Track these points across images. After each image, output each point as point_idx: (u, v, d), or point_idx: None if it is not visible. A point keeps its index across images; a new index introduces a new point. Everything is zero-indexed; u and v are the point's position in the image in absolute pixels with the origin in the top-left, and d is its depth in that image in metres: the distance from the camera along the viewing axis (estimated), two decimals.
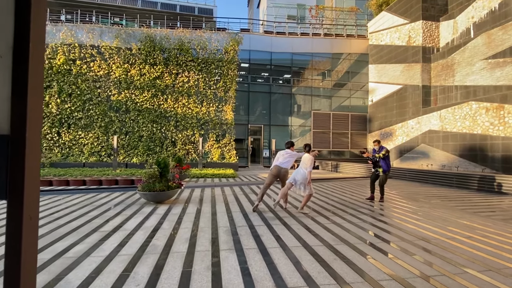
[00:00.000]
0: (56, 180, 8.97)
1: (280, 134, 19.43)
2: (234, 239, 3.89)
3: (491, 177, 8.82)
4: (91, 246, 3.59)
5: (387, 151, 6.71)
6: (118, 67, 15.50)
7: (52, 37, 15.24)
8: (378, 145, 6.99)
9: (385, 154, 6.68)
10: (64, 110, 14.84)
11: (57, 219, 4.88)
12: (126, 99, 15.43)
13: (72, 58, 15.21)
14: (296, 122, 19.61)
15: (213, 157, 15.92)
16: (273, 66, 19.40)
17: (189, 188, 8.73)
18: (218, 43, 16.75)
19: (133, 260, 3.14)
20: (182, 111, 15.98)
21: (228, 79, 16.51)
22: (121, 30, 16.04)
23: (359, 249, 3.58)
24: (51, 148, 14.52)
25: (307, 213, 5.52)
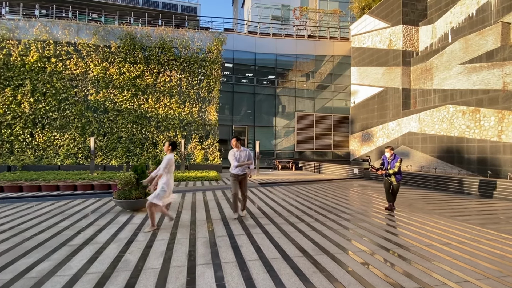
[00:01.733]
0: (27, 185, 8.45)
1: (264, 135, 19.39)
2: (212, 252, 3.75)
3: (467, 180, 9.13)
4: (58, 263, 3.34)
5: (401, 161, 6.08)
6: (96, 65, 14.90)
7: (25, 32, 14.42)
8: (392, 153, 6.24)
9: (400, 165, 6.03)
10: (38, 110, 14.09)
11: (23, 231, 4.55)
12: (105, 99, 14.87)
13: (47, 56, 14.47)
14: (280, 123, 19.63)
15: (196, 159, 15.64)
16: (257, 67, 19.31)
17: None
18: (201, 42, 16.47)
19: (102, 279, 2.94)
20: (164, 111, 15.58)
21: (211, 79, 16.26)
22: (100, 27, 15.41)
23: (339, 259, 3.54)
24: (24, 150, 13.75)
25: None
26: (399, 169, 6.02)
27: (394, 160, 6.12)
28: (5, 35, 13.97)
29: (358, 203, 7.19)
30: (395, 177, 6.11)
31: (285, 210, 6.35)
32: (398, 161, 6.02)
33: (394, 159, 6.12)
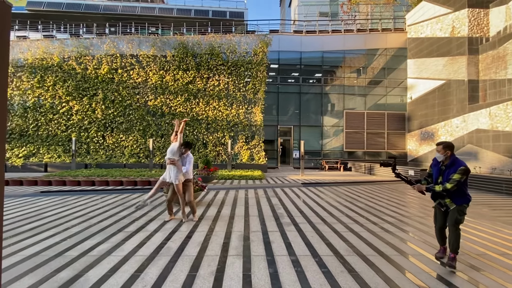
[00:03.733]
0: (98, 180, 9.86)
1: (311, 135, 19.08)
2: (245, 245, 3.96)
3: None
4: (114, 245, 3.91)
5: (465, 171, 3.21)
6: (154, 74, 16.50)
7: (98, 49, 16.72)
8: (446, 153, 3.40)
9: (462, 177, 3.21)
10: (108, 115, 16.21)
11: (90, 219, 5.39)
12: (162, 104, 16.36)
13: (115, 68, 16.54)
14: (328, 122, 19.09)
15: (242, 159, 16.18)
16: (303, 66, 19.11)
17: (214, 190, 9.01)
18: (248, 45, 16.97)
19: (146, 261, 3.37)
20: (213, 113, 16.48)
21: (257, 81, 16.65)
22: (157, 39, 17.03)
23: (371, 261, 3.42)
24: (97, 150, 15.96)
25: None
26: (459, 184, 3.21)
27: (453, 168, 3.27)
28: (82, 52, 16.41)
29: (406, 207, 6.68)
30: (451, 200, 3.32)
31: (324, 210, 6.26)
32: (460, 172, 3.18)
33: (453, 167, 3.28)
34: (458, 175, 3.20)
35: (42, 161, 15.28)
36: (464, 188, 3.30)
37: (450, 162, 3.36)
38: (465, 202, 3.29)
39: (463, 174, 3.20)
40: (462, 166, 3.22)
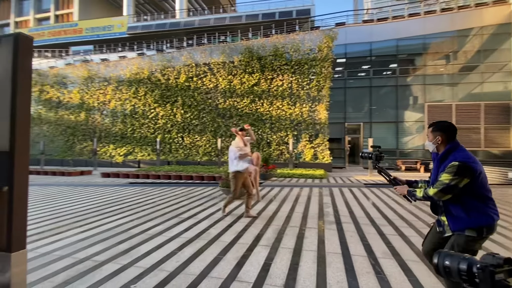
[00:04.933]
0: (173, 175, 11.37)
1: (384, 132, 17.49)
2: (277, 237, 4.08)
3: None
4: (166, 227, 4.57)
5: (460, 169, 1.88)
6: (223, 79, 17.86)
7: (177, 60, 19.10)
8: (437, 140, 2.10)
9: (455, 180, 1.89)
10: (186, 118, 18.35)
11: (157, 205, 6.35)
12: (230, 106, 17.58)
13: (191, 76, 18.59)
14: (404, 118, 17.13)
15: (305, 158, 16.00)
16: (373, 57, 17.67)
17: (269, 186, 9.28)
18: (312, 42, 16.70)
19: (187, 242, 3.86)
20: (277, 113, 16.80)
21: (321, 77, 16.21)
22: (226, 47, 18.39)
23: (408, 266, 3.10)
24: (177, 149, 18.24)
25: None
26: (449, 190, 1.92)
27: (445, 162, 2.01)
28: (165, 65, 19.01)
29: None
30: (447, 219, 2.04)
31: (378, 211, 5.80)
32: (449, 170, 1.92)
33: (446, 161, 2.01)
34: (447, 175, 1.93)
35: (136, 158, 18.38)
36: (470, 199, 1.92)
37: (442, 154, 2.07)
38: (471, 226, 1.87)
39: (455, 175, 1.88)
40: (457, 160, 1.91)
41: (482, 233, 1.89)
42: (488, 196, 1.96)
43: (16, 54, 1.43)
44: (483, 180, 1.95)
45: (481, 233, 1.89)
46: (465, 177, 1.89)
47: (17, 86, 1.42)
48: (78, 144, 19.85)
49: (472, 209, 1.93)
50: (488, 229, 1.90)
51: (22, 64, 1.44)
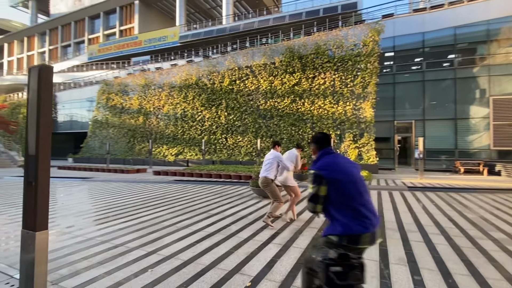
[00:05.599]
0: (214, 173, 12.06)
1: (440, 131, 15.82)
2: (292, 237, 4.18)
3: None
4: (194, 222, 5.01)
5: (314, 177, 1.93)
6: (265, 80, 18.19)
7: (221, 65, 20.05)
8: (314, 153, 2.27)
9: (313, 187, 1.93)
10: (229, 120, 19.17)
11: (190, 201, 6.90)
12: (271, 107, 17.82)
13: (234, 79, 19.35)
14: (465, 114, 15.25)
15: (349, 158, 15.34)
16: (426, 49, 16.08)
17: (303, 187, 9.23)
18: (356, 37, 15.99)
19: (207, 236, 4.21)
20: (318, 112, 16.48)
21: (366, 73, 15.40)
22: (267, 48, 18.68)
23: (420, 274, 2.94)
24: (221, 150, 19.16)
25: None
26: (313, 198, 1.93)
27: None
28: (211, 70, 20.10)
29: None
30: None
31: (412, 216, 5.43)
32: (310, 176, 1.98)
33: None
34: (309, 184, 1.97)
35: (185, 158, 19.82)
36: (331, 208, 1.88)
37: (313, 164, 2.09)
38: (331, 233, 1.83)
39: (313, 183, 1.92)
40: (312, 169, 1.97)
41: (342, 241, 1.74)
42: (351, 205, 1.82)
43: (40, 81, 1.87)
44: (344, 189, 1.85)
45: (341, 241, 1.75)
46: (321, 185, 1.87)
47: (40, 106, 1.86)
48: (137, 145, 22.23)
49: (333, 217, 1.87)
50: (349, 239, 1.74)
51: (44, 88, 1.88)
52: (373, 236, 1.80)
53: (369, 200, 1.90)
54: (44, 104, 1.87)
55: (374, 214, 1.86)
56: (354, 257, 1.09)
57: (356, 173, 1.96)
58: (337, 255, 0.96)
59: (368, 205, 1.87)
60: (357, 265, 0.95)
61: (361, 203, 1.84)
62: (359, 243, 1.74)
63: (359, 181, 1.92)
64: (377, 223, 1.85)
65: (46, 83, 1.88)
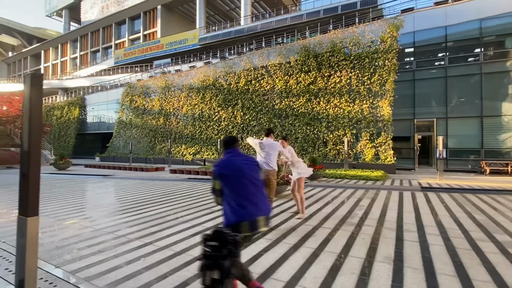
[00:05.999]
0: None
1: (464, 129, 15.02)
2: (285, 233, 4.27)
3: None
4: (195, 217, 5.24)
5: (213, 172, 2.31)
6: (280, 80, 18.22)
7: (237, 66, 20.33)
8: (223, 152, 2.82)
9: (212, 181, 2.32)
10: (245, 120, 19.41)
11: (196, 198, 7.16)
12: (286, 107, 17.82)
13: (249, 79, 19.56)
14: (491, 111, 14.34)
15: (365, 158, 15.01)
16: (449, 43, 15.31)
17: (311, 187, 9.22)
18: (373, 34, 15.60)
19: (204, 230, 4.42)
20: (334, 111, 16.24)
21: (384, 70, 14.96)
22: (282, 48, 18.70)
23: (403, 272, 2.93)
24: None
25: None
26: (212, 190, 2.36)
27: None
28: (227, 71, 20.46)
29: None
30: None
31: (415, 217, 5.29)
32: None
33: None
34: None
35: (203, 157, 20.34)
36: (225, 200, 2.19)
37: None
38: (226, 223, 2.12)
39: (212, 178, 2.29)
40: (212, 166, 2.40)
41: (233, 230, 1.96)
42: (234, 198, 2.12)
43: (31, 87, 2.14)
44: (229, 183, 2.16)
45: (234, 230, 1.97)
46: (215, 180, 2.22)
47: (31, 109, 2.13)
48: (158, 145, 23.14)
49: (223, 210, 2.19)
50: (232, 229, 1.96)
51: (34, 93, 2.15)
52: (253, 225, 2.08)
53: (253, 192, 2.17)
54: (35, 108, 2.14)
55: (255, 204, 2.13)
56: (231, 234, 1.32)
57: (246, 169, 2.23)
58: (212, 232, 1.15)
59: (250, 196, 2.14)
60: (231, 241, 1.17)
61: (242, 195, 2.13)
62: (240, 231, 2.00)
63: (246, 175, 2.20)
64: (258, 212, 2.11)
65: (36, 89, 2.15)
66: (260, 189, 2.23)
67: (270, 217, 2.27)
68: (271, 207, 2.39)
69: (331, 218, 5.21)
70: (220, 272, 1.18)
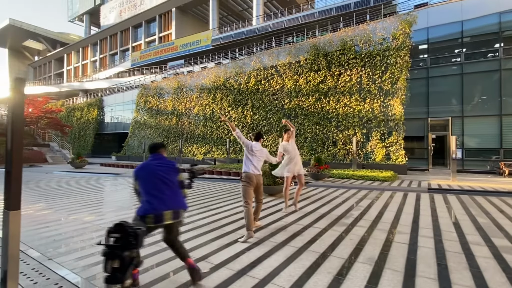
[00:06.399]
0: (233, 172, 12.47)
1: (481, 128, 14.36)
2: (273, 233, 4.30)
3: None
4: (190, 215, 5.37)
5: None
6: (289, 79, 18.15)
7: (247, 66, 20.43)
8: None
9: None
10: (254, 120, 19.48)
11: (200, 196, 7.31)
12: (295, 106, 17.72)
13: (259, 79, 19.61)
14: (511, 109, 13.62)
15: (375, 158, 14.68)
16: (465, 39, 14.67)
17: (313, 187, 9.15)
18: (385, 31, 15.23)
19: (195, 227, 4.53)
20: (344, 111, 15.99)
21: (396, 68, 14.57)
22: (292, 47, 18.61)
23: (379, 274, 2.90)
24: None
25: None
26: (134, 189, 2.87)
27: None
28: (238, 71, 20.61)
29: None
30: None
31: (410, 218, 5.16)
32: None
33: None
34: None
35: (213, 156, 20.62)
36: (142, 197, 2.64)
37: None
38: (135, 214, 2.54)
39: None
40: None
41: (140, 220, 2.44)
42: (144, 195, 2.57)
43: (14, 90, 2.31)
44: (142, 183, 2.60)
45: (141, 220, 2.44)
46: (135, 180, 2.67)
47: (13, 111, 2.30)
48: (170, 144, 23.67)
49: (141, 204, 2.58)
50: (141, 219, 2.45)
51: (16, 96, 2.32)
52: (158, 217, 2.46)
53: (163, 190, 2.55)
54: (17, 110, 2.30)
55: (162, 200, 2.51)
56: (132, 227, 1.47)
57: (158, 171, 2.62)
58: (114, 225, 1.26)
59: (158, 193, 2.53)
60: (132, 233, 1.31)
61: (151, 193, 2.53)
62: (146, 222, 2.42)
63: (158, 176, 2.59)
64: (163, 207, 2.49)
65: (18, 93, 2.31)
66: (170, 187, 2.60)
67: (181, 211, 2.64)
68: (184, 202, 2.74)
69: (325, 218, 5.19)
70: (120, 262, 1.30)
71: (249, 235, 3.89)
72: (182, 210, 2.67)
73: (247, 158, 4.21)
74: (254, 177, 4.13)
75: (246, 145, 4.26)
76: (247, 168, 4.16)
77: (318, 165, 10.78)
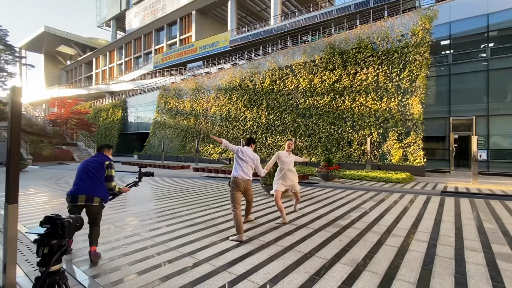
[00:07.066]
0: None
1: (509, 128, 13.43)
2: (262, 233, 4.39)
3: None
4: (194, 212, 5.58)
5: None
6: (304, 79, 18.02)
7: (263, 66, 20.53)
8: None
9: None
10: (269, 120, 19.55)
11: (201, 194, 7.53)
12: (310, 106, 17.57)
13: (274, 79, 19.64)
14: None
15: (392, 159, 14.21)
16: (491, 33, 13.78)
17: (321, 187, 9.08)
18: (403, 27, 14.72)
19: (192, 224, 4.73)
20: (359, 110, 15.63)
21: (415, 66, 14.03)
22: (307, 46, 18.46)
23: (356, 276, 2.91)
24: (261, 149, 19.66)
25: None
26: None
27: None
28: (253, 71, 20.77)
29: None
30: None
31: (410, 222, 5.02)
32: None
33: None
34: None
35: (228, 156, 20.94)
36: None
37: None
38: None
39: None
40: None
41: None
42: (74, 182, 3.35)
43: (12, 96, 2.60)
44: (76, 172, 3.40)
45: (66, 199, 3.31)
46: None
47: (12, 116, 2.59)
48: (188, 144, 24.35)
49: None
50: (66, 197, 3.31)
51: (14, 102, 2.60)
52: (73, 198, 3.22)
53: (84, 178, 3.29)
54: (15, 115, 2.58)
55: (78, 186, 3.26)
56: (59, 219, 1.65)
57: (87, 165, 3.38)
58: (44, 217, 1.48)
59: (79, 181, 3.29)
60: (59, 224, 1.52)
61: (76, 180, 3.32)
62: (67, 201, 3.28)
63: (85, 169, 3.35)
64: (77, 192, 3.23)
65: (15, 99, 2.60)
66: (92, 178, 3.29)
67: (96, 198, 3.25)
68: (103, 193, 3.36)
69: (321, 219, 5.19)
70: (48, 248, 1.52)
71: (239, 238, 3.98)
72: (98, 198, 3.27)
73: (236, 162, 4.31)
74: (242, 183, 4.13)
75: (235, 150, 4.31)
76: (236, 172, 4.23)
77: (328, 165, 10.66)
